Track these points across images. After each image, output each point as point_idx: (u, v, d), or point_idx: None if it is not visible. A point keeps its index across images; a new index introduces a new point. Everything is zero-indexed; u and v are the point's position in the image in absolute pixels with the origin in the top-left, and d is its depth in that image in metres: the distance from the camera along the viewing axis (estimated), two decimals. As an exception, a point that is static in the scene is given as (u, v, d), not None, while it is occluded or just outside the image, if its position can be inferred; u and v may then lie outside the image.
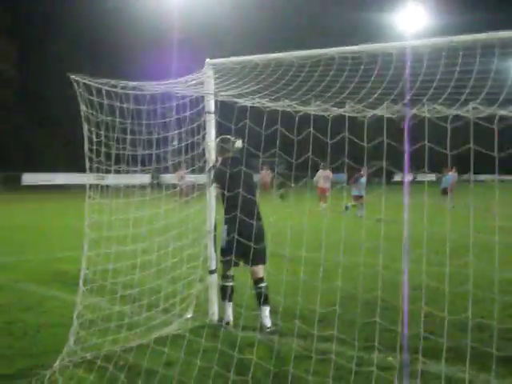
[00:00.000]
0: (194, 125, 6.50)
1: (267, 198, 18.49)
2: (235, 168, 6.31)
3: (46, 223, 19.04)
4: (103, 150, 5.80)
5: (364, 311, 5.87)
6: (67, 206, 27.66)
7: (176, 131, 6.45)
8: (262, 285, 6.45)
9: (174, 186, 7.78)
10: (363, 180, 21.28)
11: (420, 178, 27.11)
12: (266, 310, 6.39)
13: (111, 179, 5.97)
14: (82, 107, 5.56)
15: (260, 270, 6.50)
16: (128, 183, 6.34)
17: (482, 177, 33.90)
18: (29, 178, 47.89)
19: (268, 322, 6.34)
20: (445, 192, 24.94)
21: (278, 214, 5.96)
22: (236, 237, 6.20)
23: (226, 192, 6.24)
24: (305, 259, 5.33)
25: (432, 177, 48.22)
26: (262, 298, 6.39)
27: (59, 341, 5.65)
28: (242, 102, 5.84)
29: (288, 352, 5.32)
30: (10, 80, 52.79)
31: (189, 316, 6.53)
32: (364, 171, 20.58)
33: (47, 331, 6.46)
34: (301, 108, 5.55)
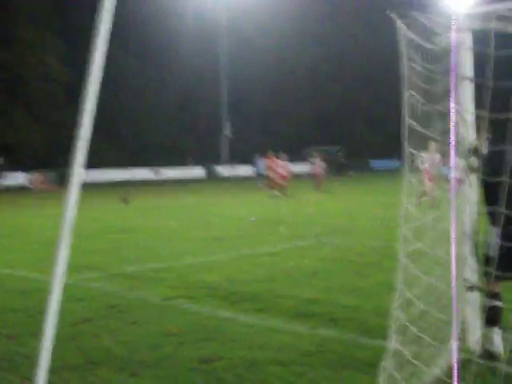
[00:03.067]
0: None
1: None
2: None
3: (143, 223, 17.72)
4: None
5: None
6: (147, 204, 26.40)
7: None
8: None
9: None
10: None
11: None
12: None
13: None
14: (406, 62, 4.04)
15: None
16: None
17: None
18: (91, 175, 47.59)
19: None
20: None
21: None
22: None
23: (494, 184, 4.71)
24: None
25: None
26: None
27: None
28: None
29: None
30: (60, 78, 52.31)
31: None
32: None
33: (265, 370, 5.13)
34: None
